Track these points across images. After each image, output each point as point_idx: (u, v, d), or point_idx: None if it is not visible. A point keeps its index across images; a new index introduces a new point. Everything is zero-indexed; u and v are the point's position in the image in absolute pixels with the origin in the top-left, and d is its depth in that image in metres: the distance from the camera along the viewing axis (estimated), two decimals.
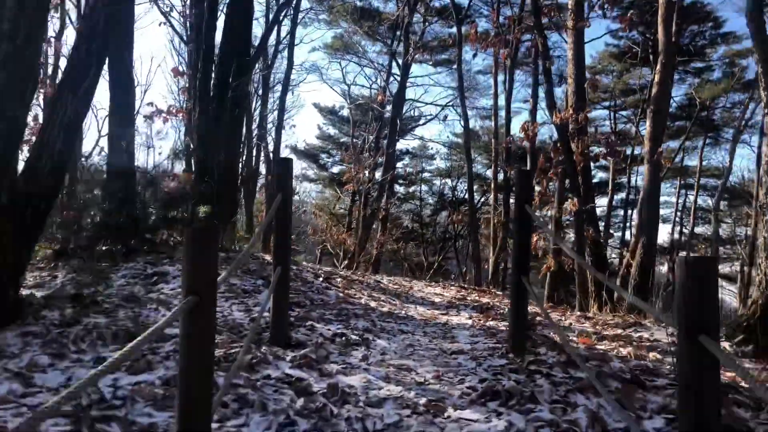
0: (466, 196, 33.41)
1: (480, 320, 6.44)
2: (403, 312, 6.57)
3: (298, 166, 35.70)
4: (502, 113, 22.78)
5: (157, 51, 42.65)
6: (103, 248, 7.01)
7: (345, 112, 33.36)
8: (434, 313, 6.86)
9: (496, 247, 17.92)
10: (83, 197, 7.08)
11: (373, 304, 6.75)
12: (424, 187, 36.73)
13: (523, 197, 4.33)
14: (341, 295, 6.77)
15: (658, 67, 11.29)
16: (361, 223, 16.48)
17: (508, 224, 16.96)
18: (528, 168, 19.86)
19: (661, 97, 10.86)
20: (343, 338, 4.51)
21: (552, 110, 9.27)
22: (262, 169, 21.55)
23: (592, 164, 10.22)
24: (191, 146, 10.97)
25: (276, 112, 21.20)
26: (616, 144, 9.65)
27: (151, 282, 5.87)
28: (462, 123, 18.87)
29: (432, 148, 35.00)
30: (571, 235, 12.18)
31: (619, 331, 7.02)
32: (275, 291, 4.16)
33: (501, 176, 22.05)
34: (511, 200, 19.19)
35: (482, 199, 30.67)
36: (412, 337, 4.98)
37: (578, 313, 8.22)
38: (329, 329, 4.74)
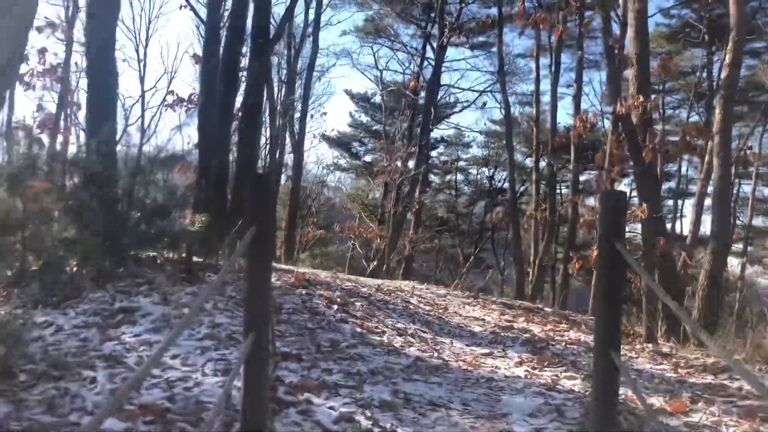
0: (504, 186, 31.90)
1: (535, 368, 5.06)
2: (436, 355, 5.22)
3: (330, 154, 34.62)
4: (543, 99, 21.16)
5: (184, 37, 41.80)
6: (74, 269, 5.80)
7: (378, 99, 31.98)
8: (475, 354, 5.49)
9: (538, 247, 16.41)
10: (52, 208, 5.86)
11: (398, 342, 5.41)
12: (460, 177, 35.29)
13: (614, 232, 2.91)
14: (358, 330, 5.45)
15: (730, 45, 9.63)
16: (391, 221, 15.12)
17: (554, 223, 15.46)
18: (573, 162, 18.19)
19: (732, 80, 9.26)
20: (349, 428, 3.18)
21: (616, 97, 7.76)
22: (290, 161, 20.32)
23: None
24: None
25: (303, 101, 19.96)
26: (693, 137, 8.08)
27: (114, 322, 4.62)
28: (502, 110, 17.34)
29: (468, 136, 33.42)
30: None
31: (710, 378, 5.59)
32: (247, 370, 2.84)
33: (542, 165, 20.48)
34: (557, 191, 17.55)
35: (522, 189, 29.01)
36: (447, 416, 3.61)
37: (650, 346, 6.76)
38: (332, 408, 3.41)
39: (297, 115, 19.63)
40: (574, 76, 20.45)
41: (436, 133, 30.79)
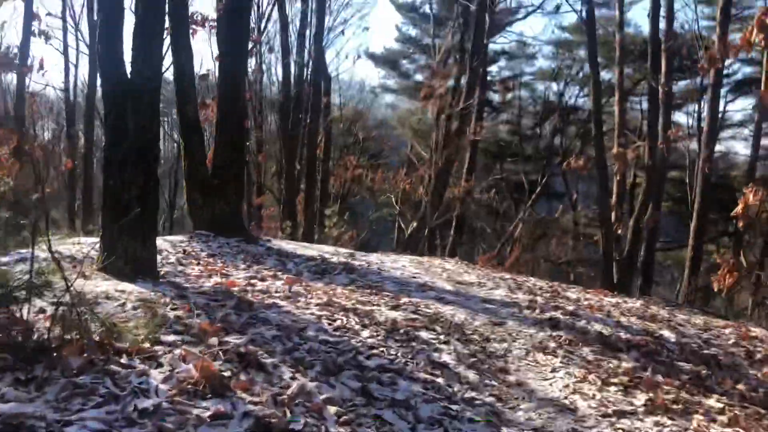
0: (577, 103, 27.72)
1: None
2: None
3: (376, 74, 31.46)
4: None
5: None
6: None
7: (427, 9, 28.00)
8: None
9: (626, 198, 12.66)
10: None
11: None
12: (524, 93, 31.30)
13: None
14: None
15: None
16: (433, 170, 11.65)
17: (657, 167, 11.70)
18: (663, 74, 13.97)
19: None
20: None
21: None
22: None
23: None
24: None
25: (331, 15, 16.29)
26: None
27: None
28: (582, 12, 13.35)
29: (534, 46, 29.19)
30: None
31: None
32: None
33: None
34: (660, 125, 13.46)
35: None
36: None
37: None
38: None
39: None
40: None
41: (496, 46, 26.73)
